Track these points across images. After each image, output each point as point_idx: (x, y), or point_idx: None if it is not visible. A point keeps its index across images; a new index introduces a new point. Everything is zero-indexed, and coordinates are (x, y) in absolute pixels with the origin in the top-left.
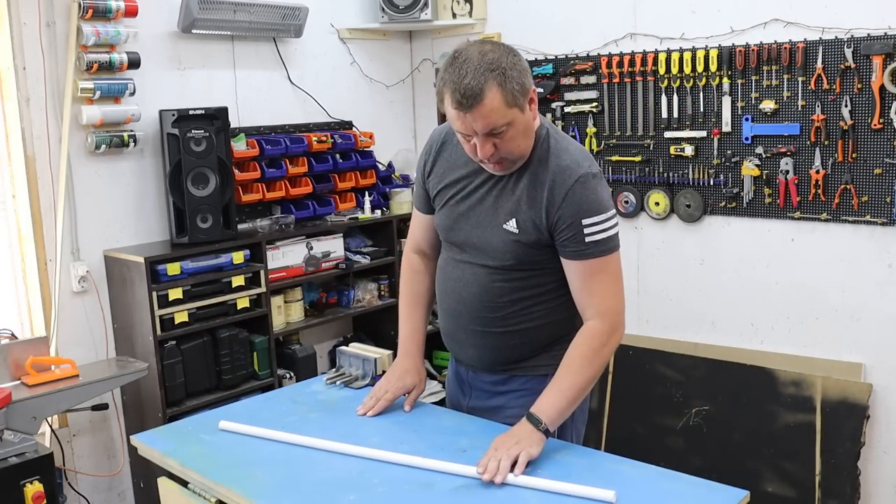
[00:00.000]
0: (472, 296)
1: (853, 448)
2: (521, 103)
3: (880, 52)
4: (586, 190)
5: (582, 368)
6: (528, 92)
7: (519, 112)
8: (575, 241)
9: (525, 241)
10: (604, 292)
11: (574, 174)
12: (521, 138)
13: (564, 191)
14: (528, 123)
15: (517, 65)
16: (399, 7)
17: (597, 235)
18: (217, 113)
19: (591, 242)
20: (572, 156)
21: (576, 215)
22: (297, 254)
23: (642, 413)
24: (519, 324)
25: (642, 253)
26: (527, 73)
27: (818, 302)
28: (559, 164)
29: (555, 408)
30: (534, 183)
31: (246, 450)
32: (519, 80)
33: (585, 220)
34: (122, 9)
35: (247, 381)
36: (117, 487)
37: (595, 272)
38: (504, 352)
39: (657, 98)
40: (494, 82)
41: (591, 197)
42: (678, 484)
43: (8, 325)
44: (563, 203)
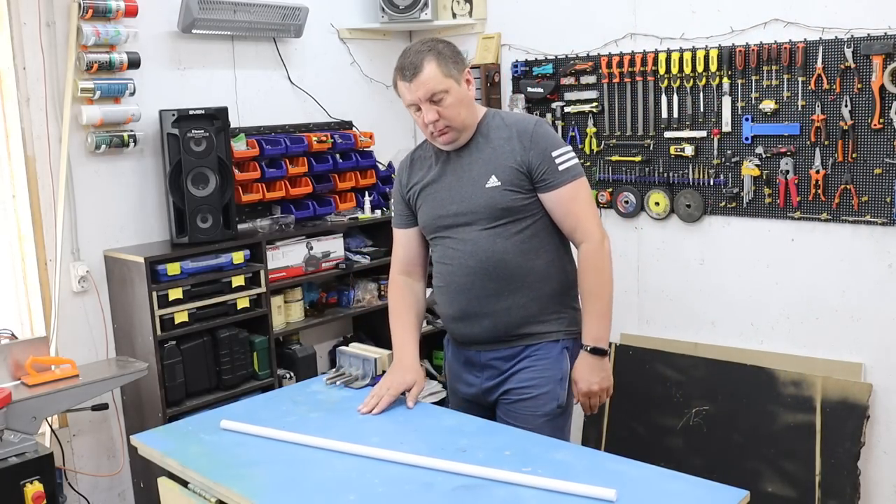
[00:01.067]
0: (478, 262)
1: (853, 448)
2: (456, 76)
3: (880, 52)
4: (544, 130)
5: (602, 289)
6: (463, 71)
7: (454, 83)
8: (551, 172)
9: (509, 188)
10: (584, 212)
11: (530, 122)
12: (459, 107)
13: (529, 135)
14: (464, 95)
15: (449, 49)
16: (399, 7)
17: (566, 163)
18: (217, 113)
19: (563, 170)
20: (520, 115)
21: (545, 150)
22: (297, 254)
23: (642, 413)
24: (523, 277)
25: (642, 253)
26: (459, 57)
27: (818, 302)
28: (514, 120)
29: (601, 330)
30: (498, 143)
31: (246, 450)
32: (452, 59)
33: (554, 152)
34: (122, 9)
35: (247, 381)
36: (117, 487)
37: (572, 197)
38: (517, 312)
39: (657, 98)
40: (430, 55)
41: (550, 134)
42: (678, 484)
43: (8, 325)
44: (531, 144)
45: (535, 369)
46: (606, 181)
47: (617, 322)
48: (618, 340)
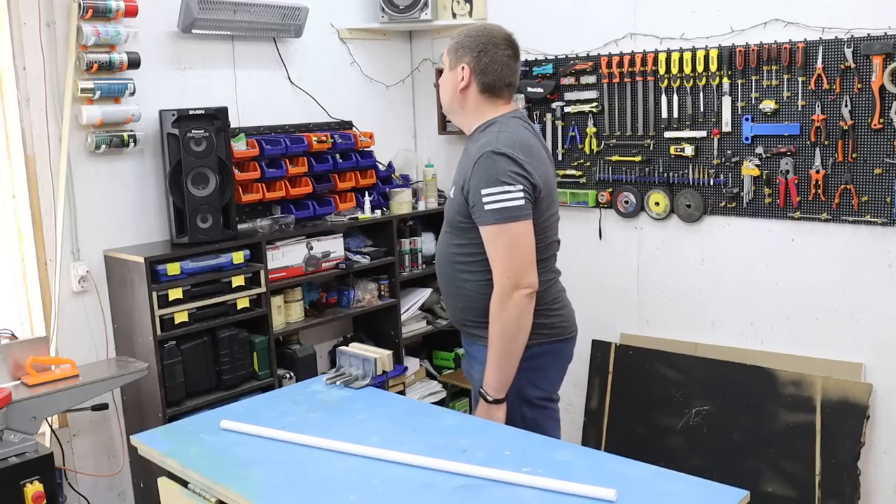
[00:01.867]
0: (439, 256)
1: (853, 448)
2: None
3: (880, 52)
4: (488, 163)
5: (494, 339)
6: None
7: (447, 64)
8: (478, 208)
9: (457, 205)
10: (500, 258)
11: (483, 149)
12: (444, 87)
13: (473, 163)
14: (449, 81)
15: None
16: (399, 7)
17: (493, 205)
18: (217, 113)
19: (487, 211)
20: (494, 136)
21: (478, 185)
22: (297, 254)
23: (642, 413)
24: (462, 284)
25: (642, 253)
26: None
27: (818, 302)
28: (480, 143)
29: (491, 378)
30: (468, 158)
31: (246, 450)
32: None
33: (483, 189)
34: (122, 9)
35: (247, 381)
36: (117, 487)
37: (494, 238)
38: (458, 313)
39: (657, 98)
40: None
41: (490, 170)
42: (678, 484)
43: (8, 325)
44: (472, 173)
45: (469, 364)
46: (606, 181)
47: (617, 322)
48: (618, 340)
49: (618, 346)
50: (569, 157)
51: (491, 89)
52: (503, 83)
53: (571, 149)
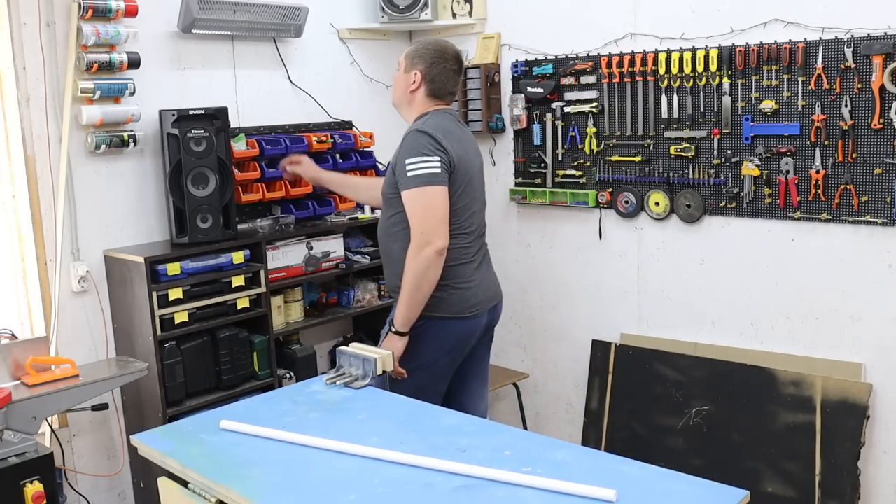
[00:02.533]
0: (378, 230)
1: (853, 448)
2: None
3: (880, 52)
4: (412, 138)
5: (406, 282)
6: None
7: (402, 67)
8: (402, 175)
9: (388, 179)
10: (416, 217)
11: (411, 130)
12: (395, 84)
13: (402, 140)
14: (400, 80)
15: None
16: (399, 7)
17: (414, 171)
18: (217, 113)
19: (410, 177)
20: (422, 122)
21: (403, 157)
22: (297, 254)
23: (642, 413)
24: (391, 251)
25: (642, 253)
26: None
27: (818, 302)
28: (414, 126)
29: (399, 314)
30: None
31: (246, 450)
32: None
33: (407, 159)
34: (122, 9)
35: (247, 381)
36: (117, 487)
37: (412, 199)
38: (389, 278)
39: (657, 98)
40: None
41: (413, 144)
42: (678, 484)
43: (8, 325)
44: (399, 149)
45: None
46: (606, 181)
47: (617, 322)
48: (618, 340)
49: (618, 346)
50: (569, 157)
51: (435, 95)
52: (446, 91)
53: (571, 149)
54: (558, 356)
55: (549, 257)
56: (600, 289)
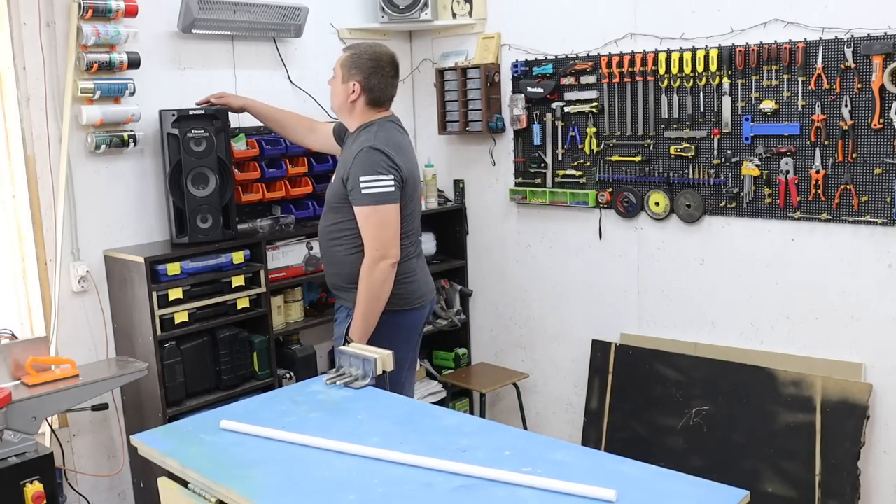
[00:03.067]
0: (319, 233)
1: (853, 448)
2: (343, 75)
3: (880, 52)
4: (366, 156)
5: (363, 296)
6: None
7: (338, 78)
8: (355, 192)
9: (335, 190)
10: (371, 234)
11: (362, 145)
12: (332, 91)
13: (353, 156)
14: (338, 90)
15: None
16: (399, 7)
17: (369, 189)
18: (217, 113)
19: (364, 194)
20: (372, 136)
21: (356, 174)
22: (297, 254)
23: (642, 413)
24: (334, 253)
25: (642, 253)
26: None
27: (818, 302)
28: (361, 140)
29: (357, 328)
30: (347, 152)
31: (246, 450)
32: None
33: (362, 177)
34: (122, 9)
35: (247, 381)
36: (117, 487)
37: (367, 217)
38: (332, 277)
39: (657, 98)
40: (348, 52)
41: (368, 161)
42: (678, 484)
43: (8, 325)
44: (352, 164)
45: (335, 325)
46: (606, 181)
47: (617, 322)
48: (618, 340)
49: (618, 346)
50: (569, 157)
51: (376, 103)
52: (386, 97)
53: (571, 149)
54: (558, 356)
55: (549, 257)
56: (600, 289)
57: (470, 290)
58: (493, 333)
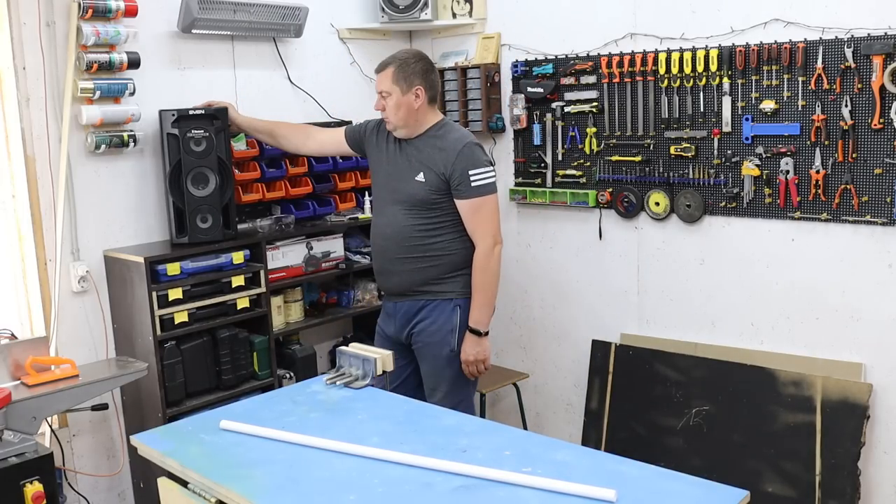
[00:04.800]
0: (393, 231)
1: (853, 448)
2: (404, 87)
3: (880, 52)
4: (470, 151)
5: (484, 285)
6: (413, 87)
7: (399, 91)
8: (464, 185)
9: (429, 188)
10: (481, 223)
11: (462, 142)
12: (397, 109)
13: (456, 153)
14: (404, 102)
15: (418, 67)
16: (399, 7)
17: (478, 182)
18: (217, 113)
19: (474, 187)
20: (461, 133)
21: (465, 168)
22: (297, 254)
23: (642, 413)
24: (426, 251)
25: (642, 253)
26: (420, 76)
27: (818, 302)
28: (453, 138)
29: (482, 316)
30: (434, 150)
31: (246, 450)
32: (411, 73)
33: (471, 171)
34: (122, 9)
35: (247, 381)
36: (117, 487)
37: (475, 209)
38: (418, 274)
39: (657, 98)
40: (395, 64)
41: (473, 157)
42: (678, 484)
43: (8, 325)
44: (456, 160)
45: (431, 320)
46: (606, 181)
47: (617, 322)
48: (618, 340)
49: (618, 346)
50: (569, 157)
51: (433, 100)
52: (437, 92)
53: (571, 149)
54: (558, 356)
55: (549, 257)
56: (600, 289)
57: None
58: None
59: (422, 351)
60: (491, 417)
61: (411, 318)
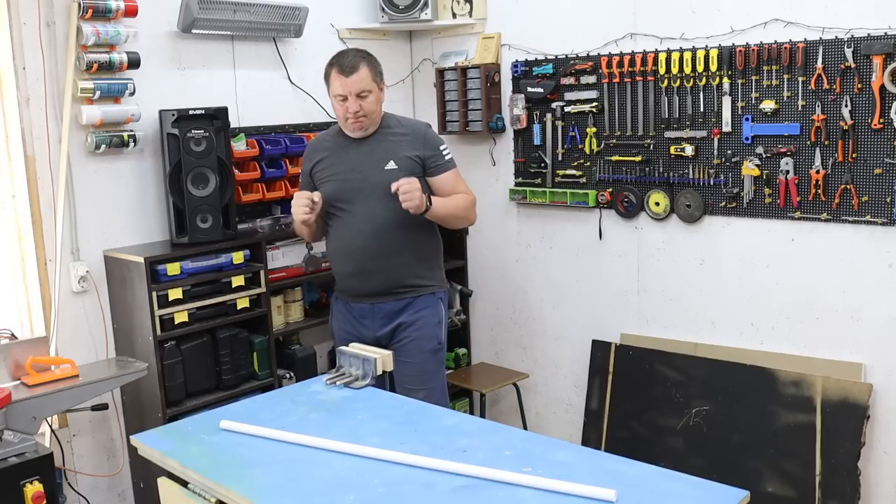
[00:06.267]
0: (373, 227)
1: (853, 448)
2: (379, 83)
3: (880, 52)
4: (431, 131)
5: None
6: (382, 80)
7: (377, 87)
8: (439, 160)
9: (404, 173)
10: (463, 185)
11: (422, 126)
12: (375, 104)
13: (423, 135)
14: (380, 97)
15: (377, 62)
16: (399, 7)
17: (447, 155)
18: (217, 113)
19: (448, 160)
20: (414, 121)
21: (434, 147)
22: (296, 254)
23: (642, 413)
24: (407, 243)
25: (642, 253)
26: (381, 69)
27: (818, 302)
28: (410, 125)
29: (440, 203)
30: (397, 137)
31: (246, 450)
32: (378, 69)
33: (440, 147)
34: (122, 9)
35: (247, 381)
36: (117, 487)
37: (457, 175)
38: (403, 269)
39: (657, 98)
40: (365, 62)
41: (435, 135)
42: (678, 484)
43: (8, 325)
44: (425, 142)
45: (418, 315)
46: (606, 181)
47: (617, 322)
48: (618, 340)
49: (618, 346)
50: (569, 157)
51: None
52: None
53: (571, 149)
54: (558, 356)
55: (549, 257)
56: (600, 289)
57: (470, 290)
58: (493, 333)
59: (407, 346)
60: (491, 417)
61: (394, 316)
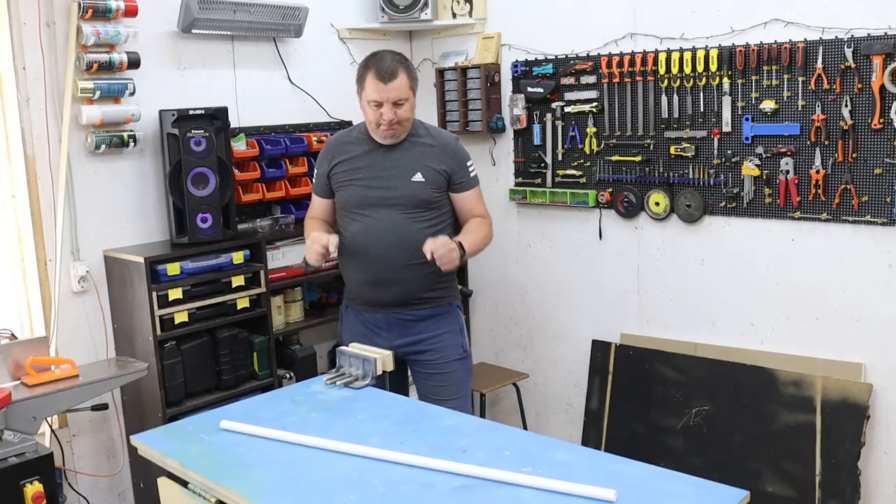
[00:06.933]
0: (396, 238)
1: (853, 448)
2: (415, 90)
3: (880, 52)
4: (460, 146)
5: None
6: (416, 88)
7: (412, 95)
8: (465, 177)
9: (430, 186)
10: (483, 206)
11: (451, 140)
12: (410, 112)
13: (451, 149)
14: (414, 106)
15: (413, 67)
16: (399, 7)
17: (473, 172)
18: (217, 113)
19: (472, 177)
20: (444, 132)
21: (462, 162)
22: (296, 254)
23: (642, 413)
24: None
25: (642, 253)
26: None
27: (818, 302)
28: (440, 136)
29: (469, 243)
30: (424, 148)
31: (246, 450)
32: (415, 75)
33: (467, 163)
34: (122, 9)
35: (247, 381)
36: (117, 487)
37: (478, 195)
38: (423, 280)
39: (657, 98)
40: (403, 68)
41: (463, 150)
42: (678, 484)
43: (8, 325)
44: (453, 157)
45: (439, 326)
46: (606, 181)
47: (617, 322)
48: (618, 340)
49: (618, 346)
50: (569, 157)
51: None
52: None
53: (571, 149)
54: (558, 356)
55: (549, 257)
56: (600, 289)
57: (470, 290)
58: (493, 333)
59: (432, 358)
60: (491, 417)
61: (410, 327)
